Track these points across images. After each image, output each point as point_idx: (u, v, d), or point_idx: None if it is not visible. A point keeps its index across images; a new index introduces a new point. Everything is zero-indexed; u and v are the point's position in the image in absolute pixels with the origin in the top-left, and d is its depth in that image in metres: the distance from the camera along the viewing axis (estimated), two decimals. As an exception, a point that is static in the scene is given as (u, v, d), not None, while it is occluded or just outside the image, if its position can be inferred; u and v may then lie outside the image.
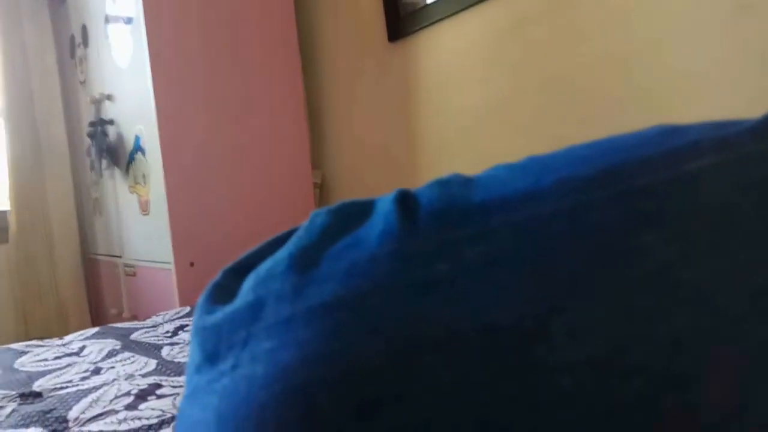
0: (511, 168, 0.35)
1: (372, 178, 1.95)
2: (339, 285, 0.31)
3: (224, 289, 0.38)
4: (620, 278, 0.30)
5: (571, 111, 1.35)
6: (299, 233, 0.36)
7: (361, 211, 0.35)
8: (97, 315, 2.40)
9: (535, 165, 0.34)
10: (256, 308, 0.33)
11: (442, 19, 1.62)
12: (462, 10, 1.55)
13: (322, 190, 2.14)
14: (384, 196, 0.35)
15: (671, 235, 0.31)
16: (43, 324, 2.23)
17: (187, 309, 1.45)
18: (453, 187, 0.34)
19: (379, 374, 0.29)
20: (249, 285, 0.35)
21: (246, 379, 0.31)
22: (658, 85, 1.18)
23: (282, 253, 0.35)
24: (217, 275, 0.40)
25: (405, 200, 0.34)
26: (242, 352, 0.32)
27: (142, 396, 0.86)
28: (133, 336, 1.27)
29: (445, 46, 1.64)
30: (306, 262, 0.33)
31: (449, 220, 0.32)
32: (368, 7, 1.86)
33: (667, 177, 0.32)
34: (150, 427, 0.75)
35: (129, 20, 1.77)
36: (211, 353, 0.34)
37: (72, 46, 2.28)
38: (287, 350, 0.30)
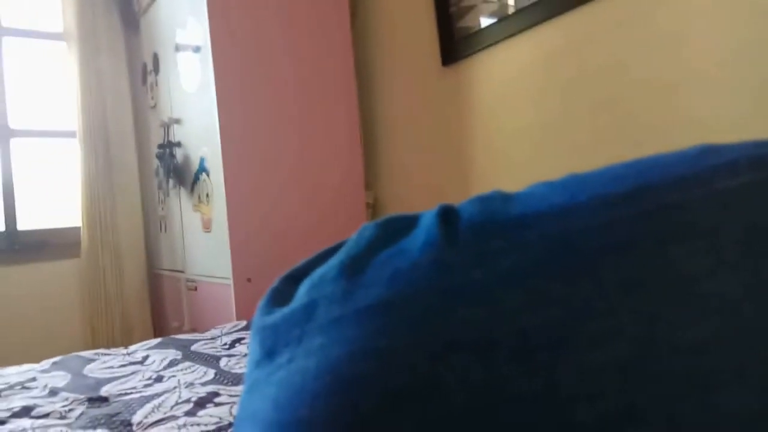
0: (550, 185, 0.37)
1: (423, 199, 1.97)
2: (383, 289, 0.34)
3: (281, 294, 0.41)
4: (647, 288, 0.32)
5: (624, 133, 1.34)
6: (349, 243, 0.39)
7: (405, 224, 0.38)
8: (159, 327, 2.50)
9: (572, 182, 0.36)
10: (309, 309, 0.36)
11: (495, 43, 1.64)
12: (515, 34, 1.57)
13: (374, 209, 2.17)
14: (428, 210, 0.38)
15: (701, 250, 0.32)
16: (108, 334, 2.34)
17: (244, 323, 1.50)
18: (493, 202, 0.37)
19: (414, 369, 0.31)
20: (304, 289, 0.38)
21: (300, 371, 0.34)
22: (710, 110, 1.16)
23: (333, 261, 0.38)
24: (275, 282, 0.43)
25: (447, 214, 0.37)
26: (297, 347, 0.36)
27: (201, 404, 0.90)
28: (193, 347, 1.33)
29: (498, 70, 1.65)
30: (354, 269, 0.36)
31: (487, 233, 0.35)
32: (423, 31, 1.90)
33: (698, 194, 0.33)
34: (207, 432, 0.78)
35: (197, 49, 1.88)
36: (269, 349, 0.38)
37: (144, 73, 2.43)
38: (337, 346, 0.34)
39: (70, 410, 0.96)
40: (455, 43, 1.77)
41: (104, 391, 1.05)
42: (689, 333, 0.31)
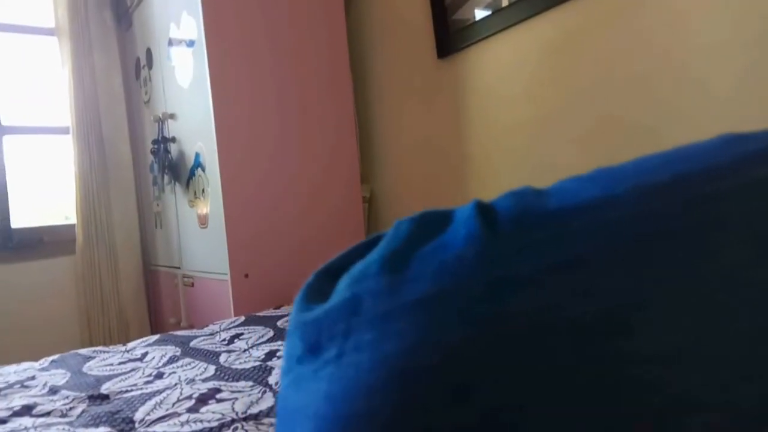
0: (579, 179, 0.38)
1: (420, 192, 1.97)
2: (430, 283, 0.35)
3: (317, 290, 0.42)
4: (692, 278, 0.32)
5: (619, 126, 1.34)
6: (387, 239, 0.39)
7: (441, 218, 0.39)
8: (157, 324, 2.50)
9: (604, 175, 0.37)
10: (353, 304, 0.37)
11: (490, 35, 1.64)
12: (511, 25, 1.56)
13: (370, 204, 2.17)
14: (461, 206, 0.39)
15: (741, 239, 0.33)
16: (105, 332, 2.34)
17: (242, 318, 1.50)
18: (527, 196, 0.37)
19: (470, 362, 0.32)
20: (344, 284, 0.39)
21: (353, 365, 0.35)
22: (703, 102, 1.17)
23: (373, 256, 0.38)
24: (309, 278, 0.44)
25: (483, 207, 0.37)
26: (345, 342, 0.36)
27: (203, 400, 0.90)
28: (192, 343, 1.32)
29: (493, 62, 1.65)
30: (397, 263, 0.37)
31: (528, 225, 0.35)
32: (418, 24, 1.90)
33: (736, 183, 0.34)
34: (211, 429, 0.78)
35: (191, 43, 1.86)
36: (313, 345, 0.38)
37: (137, 68, 2.41)
38: (389, 341, 0.34)
39: (71, 408, 0.96)
40: (450, 36, 1.77)
41: (105, 388, 1.05)
42: (737, 323, 0.31)
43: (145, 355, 1.27)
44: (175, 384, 1.01)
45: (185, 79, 1.95)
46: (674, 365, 0.31)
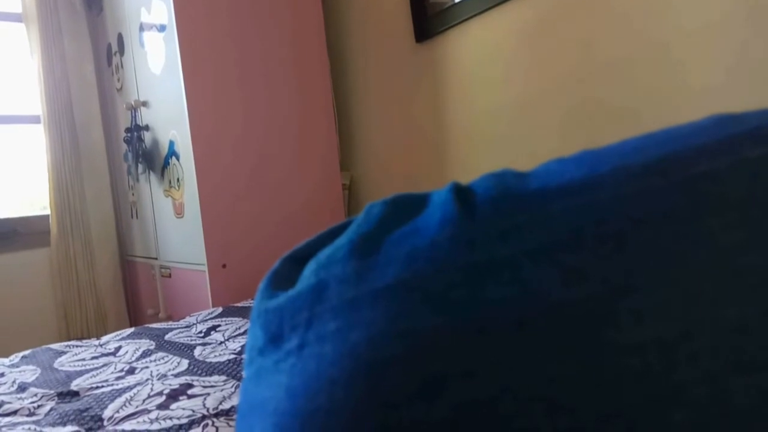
0: (562, 161, 0.35)
1: (400, 179, 1.95)
2: (401, 268, 0.32)
3: (283, 276, 0.39)
4: (685, 262, 0.30)
5: (601, 107, 1.33)
6: (357, 222, 0.37)
7: (415, 202, 0.36)
8: (135, 315, 2.46)
9: (587, 157, 0.35)
10: (318, 291, 0.34)
11: (468, 19, 1.61)
12: (489, 8, 1.54)
13: (350, 191, 2.15)
14: (437, 190, 0.37)
15: (734, 221, 0.31)
16: (83, 324, 2.30)
17: (220, 309, 1.48)
18: (507, 178, 0.35)
19: (444, 353, 0.30)
20: (310, 270, 0.36)
21: (315, 357, 0.32)
22: (683, 86, 1.15)
23: (342, 240, 0.36)
24: (275, 264, 0.41)
25: (460, 190, 0.35)
26: (307, 332, 0.34)
27: (174, 396, 0.88)
28: (168, 336, 1.30)
29: (472, 46, 1.63)
30: (366, 248, 0.34)
31: (507, 207, 0.33)
32: (395, 8, 1.86)
33: (727, 163, 0.32)
34: (180, 426, 0.76)
35: (162, 28, 1.81)
36: (274, 335, 0.36)
37: (109, 54, 2.35)
38: (354, 330, 0.32)
39: (39, 406, 0.94)
40: (428, 19, 1.74)
41: (75, 385, 1.02)
42: (731, 311, 0.29)
43: (118, 349, 1.24)
44: (147, 380, 0.98)
45: (157, 65, 1.90)
46: (662, 355, 0.29)
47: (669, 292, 0.30)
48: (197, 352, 1.15)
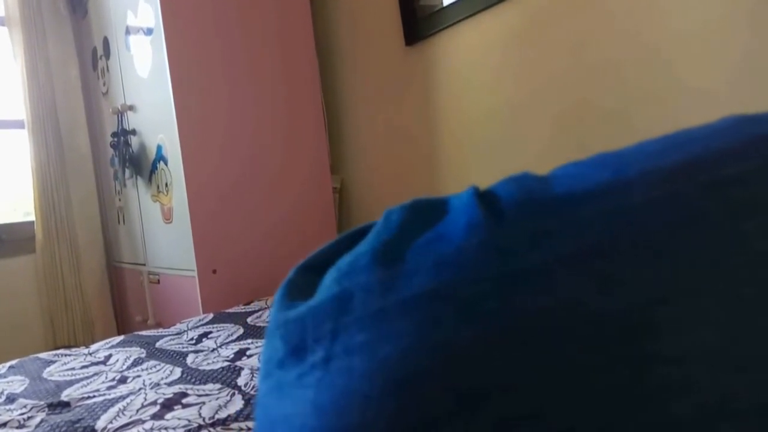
0: (581, 164, 0.34)
1: (391, 182, 1.95)
2: (429, 278, 0.31)
3: (300, 286, 0.38)
4: (724, 268, 0.29)
5: (591, 109, 1.33)
6: (377, 229, 0.35)
7: (435, 206, 0.35)
8: (123, 322, 2.43)
9: (610, 160, 0.34)
10: (341, 300, 0.33)
11: (458, 22, 1.61)
12: (478, 11, 1.54)
13: (341, 194, 2.14)
14: (456, 194, 0.35)
15: (765, 224, 0.30)
16: (69, 331, 2.27)
17: (211, 316, 1.46)
18: (529, 181, 0.34)
19: (482, 365, 0.29)
20: (331, 278, 0.35)
21: (343, 371, 0.31)
22: (681, 81, 1.16)
23: (362, 248, 0.35)
24: (289, 273, 0.40)
25: (483, 194, 0.34)
26: (333, 344, 0.32)
27: (168, 405, 0.86)
28: (158, 344, 1.28)
29: (462, 49, 1.63)
30: (390, 256, 0.33)
31: (536, 212, 0.31)
32: (385, 11, 1.86)
33: (755, 166, 0.31)
34: (176, 436, 0.75)
35: (149, 31, 1.79)
36: (296, 346, 0.34)
37: (94, 58, 2.32)
38: (384, 343, 0.30)
39: (29, 418, 0.92)
40: (418, 22, 1.74)
41: (65, 395, 1.00)
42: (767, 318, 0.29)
43: (108, 357, 1.22)
44: (140, 389, 0.97)
45: (144, 68, 1.88)
46: (705, 366, 0.28)
47: (707, 301, 0.29)
48: (190, 359, 1.13)
